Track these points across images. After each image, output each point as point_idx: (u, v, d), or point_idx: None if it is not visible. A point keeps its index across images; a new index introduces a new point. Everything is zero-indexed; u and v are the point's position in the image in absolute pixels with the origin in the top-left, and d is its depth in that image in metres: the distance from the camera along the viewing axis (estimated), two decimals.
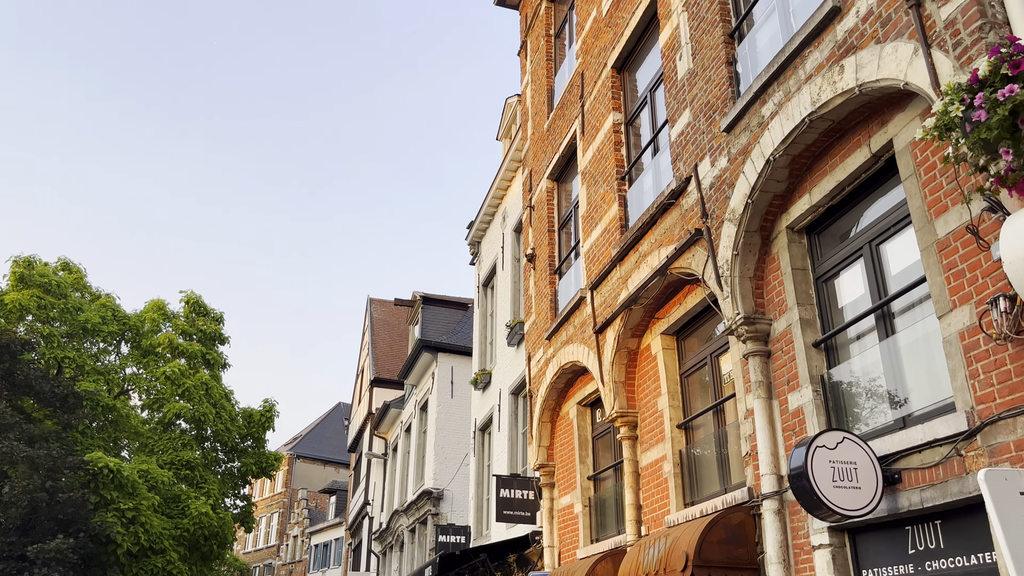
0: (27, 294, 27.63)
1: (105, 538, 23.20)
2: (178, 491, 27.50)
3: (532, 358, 12.48)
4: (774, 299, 6.74)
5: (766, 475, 6.30)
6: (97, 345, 30.99)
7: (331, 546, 49.30)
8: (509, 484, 12.22)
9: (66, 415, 25.62)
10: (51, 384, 24.80)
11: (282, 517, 58.82)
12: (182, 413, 30.49)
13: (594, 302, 9.87)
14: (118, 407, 29.29)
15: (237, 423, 32.85)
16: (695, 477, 8.01)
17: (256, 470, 33.97)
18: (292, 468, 58.24)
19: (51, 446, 22.89)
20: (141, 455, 28.61)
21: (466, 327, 22.92)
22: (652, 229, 8.51)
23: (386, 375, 30.80)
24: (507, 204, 16.79)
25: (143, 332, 31.86)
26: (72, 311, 28.97)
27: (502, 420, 15.11)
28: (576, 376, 11.09)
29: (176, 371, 30.42)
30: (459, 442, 20.26)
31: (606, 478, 10.27)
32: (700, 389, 8.32)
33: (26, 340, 24.88)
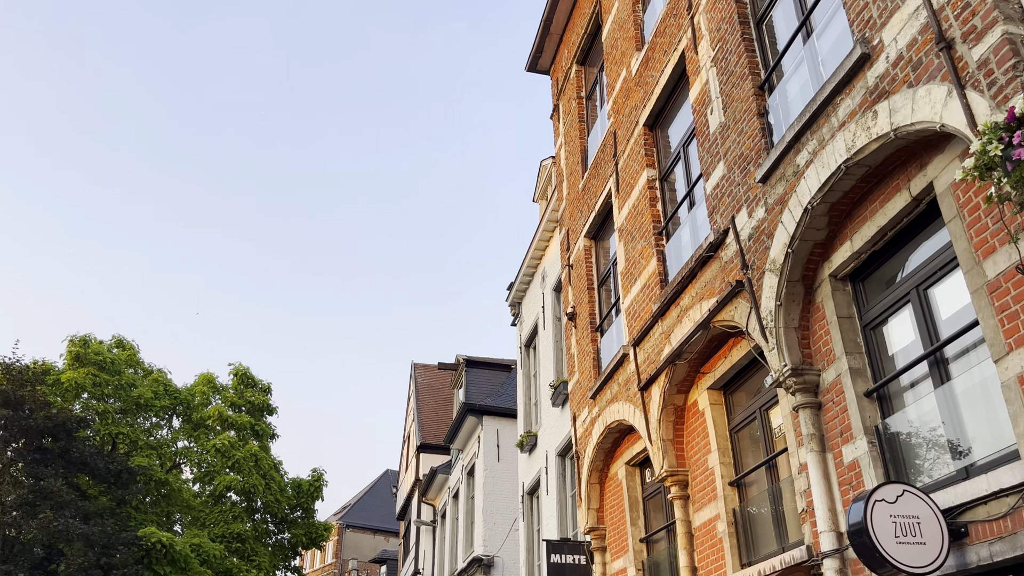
0: (83, 372, 28.31)
1: None
2: (229, 564, 27.47)
3: (577, 418, 12.33)
4: (821, 349, 6.59)
5: (825, 532, 6.07)
6: (150, 420, 31.52)
7: None
8: (560, 549, 11.95)
9: (120, 491, 25.94)
10: (106, 460, 25.18)
11: None
12: (232, 485, 30.65)
13: (637, 359, 9.76)
14: (170, 481, 29.60)
15: (286, 494, 32.91)
16: (751, 536, 7.75)
17: (306, 541, 33.84)
18: (342, 538, 57.84)
19: (105, 522, 23.12)
20: (193, 529, 28.74)
21: (510, 389, 22.79)
22: (692, 283, 8.44)
23: (432, 440, 30.67)
24: (546, 264, 16.85)
25: (194, 406, 32.35)
26: (126, 387, 29.58)
27: (550, 483, 14.87)
28: (623, 435, 10.91)
29: (226, 443, 30.72)
30: (507, 506, 19.94)
31: (659, 540, 9.99)
32: (751, 444, 8.11)
33: (81, 417, 25.39)
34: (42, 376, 26.19)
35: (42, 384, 25.72)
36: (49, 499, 22.79)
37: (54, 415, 23.99)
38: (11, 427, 23.28)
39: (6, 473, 24.52)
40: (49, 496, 22.76)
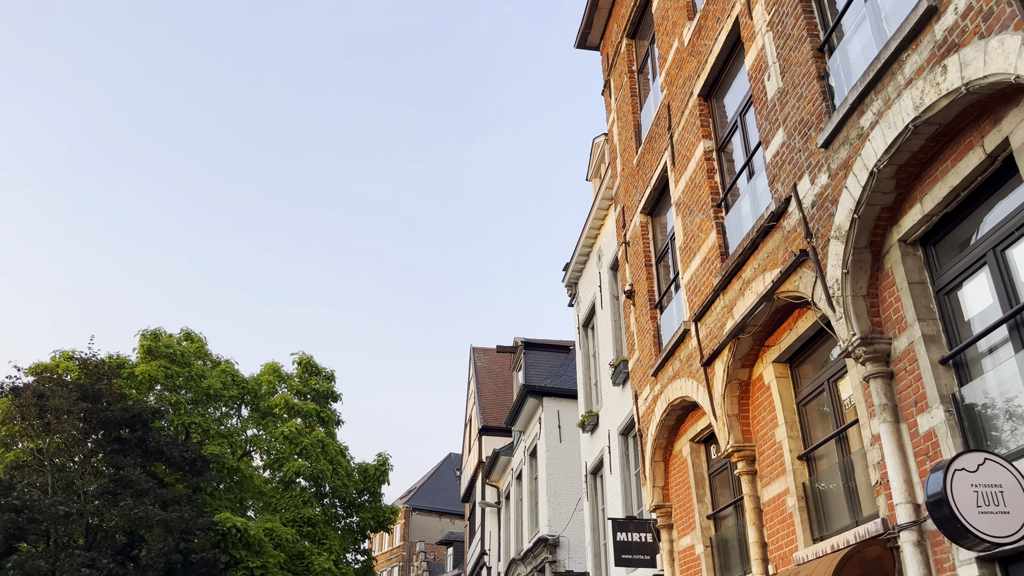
0: (155, 365, 29.28)
1: None
2: (301, 548, 28.17)
3: (639, 396, 12.24)
4: (892, 316, 6.38)
5: (901, 504, 5.90)
6: (220, 409, 32.46)
7: None
8: (625, 527, 11.92)
9: (195, 478, 26.79)
10: (180, 449, 26.03)
11: (402, 571, 59.29)
12: (301, 471, 31.42)
13: (699, 334, 9.62)
14: (242, 468, 30.47)
15: (353, 478, 33.58)
16: (822, 510, 7.59)
17: (374, 524, 34.51)
18: (408, 521, 58.83)
19: (183, 509, 23.92)
20: (265, 514, 29.56)
21: (569, 370, 22.76)
22: (754, 254, 8.27)
23: (494, 423, 30.88)
24: (601, 243, 16.72)
25: (260, 395, 33.20)
26: (196, 379, 30.49)
27: (613, 462, 14.82)
28: (686, 412, 10.79)
29: (293, 430, 31.46)
30: (571, 487, 19.97)
31: (726, 516, 9.87)
32: (819, 417, 7.93)
33: (156, 408, 26.28)
34: (117, 370, 27.16)
35: (117, 377, 26.67)
36: (129, 487, 23.67)
37: (130, 407, 24.87)
38: (91, 419, 24.22)
39: (87, 464, 25.57)
40: (128, 484, 23.64)
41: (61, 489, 24.22)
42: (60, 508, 22.33)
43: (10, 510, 21.85)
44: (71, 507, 22.93)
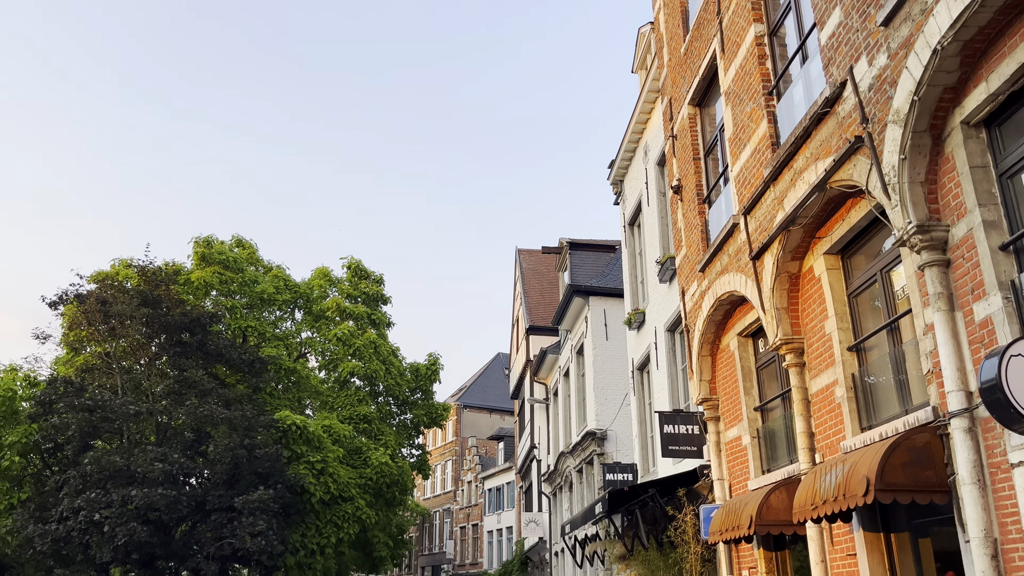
0: (209, 271, 30.06)
1: (300, 488, 25.21)
2: (359, 443, 29.38)
3: (686, 293, 12.21)
4: (950, 203, 6.17)
5: (952, 392, 5.86)
6: (274, 314, 33.40)
7: (503, 489, 51.22)
8: (672, 420, 12.12)
9: (254, 379, 27.87)
10: (239, 352, 26.98)
11: (455, 464, 61.65)
12: (355, 371, 32.44)
13: (748, 228, 9.46)
14: (298, 369, 31.56)
15: (406, 378, 34.59)
16: (871, 400, 7.59)
17: (427, 420, 35.70)
18: (460, 418, 60.73)
19: (244, 408, 25.00)
20: (323, 412, 30.77)
21: (615, 269, 22.74)
22: (807, 143, 8.00)
23: (540, 323, 31.24)
24: (648, 138, 16.35)
25: (312, 299, 34.00)
26: (249, 284, 31.28)
27: (660, 358, 14.94)
28: (734, 307, 10.74)
29: (346, 333, 32.32)
30: (618, 383, 20.28)
31: (773, 408, 9.95)
32: (870, 309, 7.83)
33: (213, 313, 27.13)
34: (174, 276, 27.96)
35: (174, 284, 27.49)
36: (193, 388, 24.76)
37: (189, 312, 25.71)
38: (152, 324, 25.15)
39: (152, 366, 26.73)
40: (192, 385, 24.72)
41: (130, 390, 25.47)
42: (130, 408, 23.53)
43: (84, 410, 23.10)
44: (140, 407, 24.15)
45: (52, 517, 22.39)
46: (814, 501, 6.79)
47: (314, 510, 26.20)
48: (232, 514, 22.95)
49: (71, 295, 26.17)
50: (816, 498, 6.76)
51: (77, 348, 27.55)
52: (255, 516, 22.63)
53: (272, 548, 22.88)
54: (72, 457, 23.63)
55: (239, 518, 22.69)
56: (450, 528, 60.54)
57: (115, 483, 22.03)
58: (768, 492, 8.46)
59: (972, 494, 5.65)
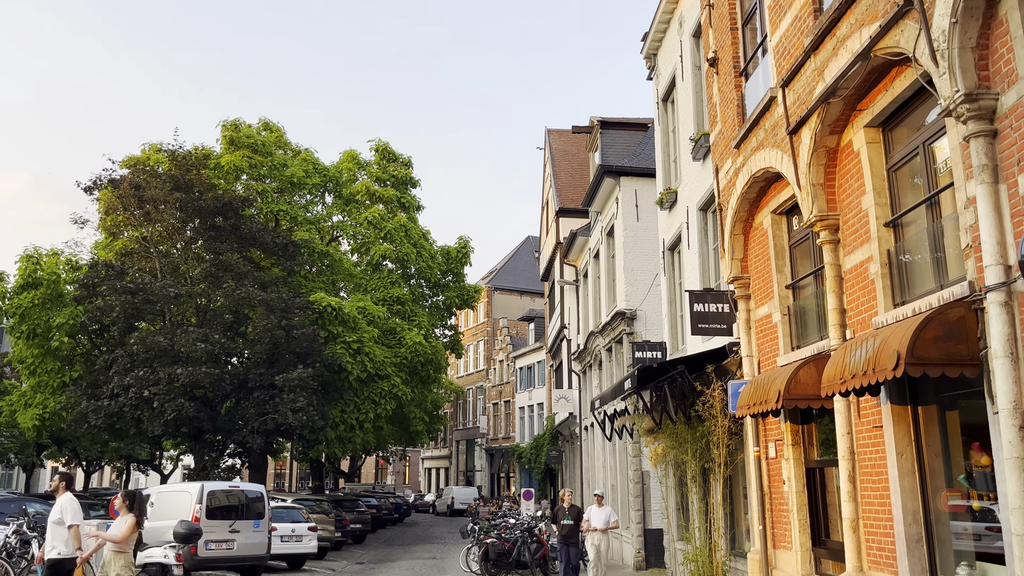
0: (239, 155, 30.03)
1: (337, 367, 26.04)
2: (393, 324, 30.05)
3: (720, 170, 11.98)
4: (1001, 70, 5.88)
5: (991, 266, 5.77)
6: (304, 197, 33.51)
7: (534, 368, 52.50)
8: (703, 299, 12.16)
9: (288, 262, 28.30)
10: (272, 235, 27.30)
11: (487, 345, 63.03)
12: (387, 254, 32.78)
13: (786, 101, 9.15)
14: (331, 252, 31.94)
15: (437, 261, 34.91)
16: (905, 276, 7.52)
17: (459, 302, 36.25)
18: (491, 300, 61.59)
19: (280, 290, 25.51)
20: (356, 294, 31.34)
21: (647, 148, 22.28)
22: (851, 8, 7.59)
23: (570, 204, 31.05)
24: (683, 8, 15.63)
25: (342, 182, 33.98)
26: (279, 167, 31.26)
27: (691, 238, 14.85)
28: (769, 184, 10.54)
29: (376, 216, 32.44)
30: (648, 263, 20.27)
31: (805, 286, 9.92)
32: (909, 183, 7.63)
33: (245, 197, 27.31)
34: (204, 160, 27.98)
35: (205, 168, 27.55)
36: (229, 271, 25.25)
37: (220, 196, 25.88)
38: (186, 208, 25.41)
39: (188, 250, 27.20)
40: (228, 268, 25.19)
41: (168, 274, 26.05)
42: (170, 290, 24.14)
43: (126, 292, 23.75)
44: (180, 289, 24.75)
45: (104, 394, 23.47)
46: (843, 375, 6.86)
47: (352, 388, 27.15)
48: (274, 391, 23.87)
49: (105, 180, 26.43)
50: (845, 372, 6.82)
51: (115, 233, 28.05)
52: (295, 393, 23.52)
53: (313, 423, 23.89)
54: (118, 338, 24.51)
55: (280, 395, 23.61)
56: (483, 404, 62.57)
57: (161, 362, 22.91)
58: (797, 368, 8.55)
59: (1004, 367, 5.66)
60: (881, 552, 7.61)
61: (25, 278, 25.35)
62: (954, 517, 6.94)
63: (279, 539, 19.19)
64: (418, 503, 57.45)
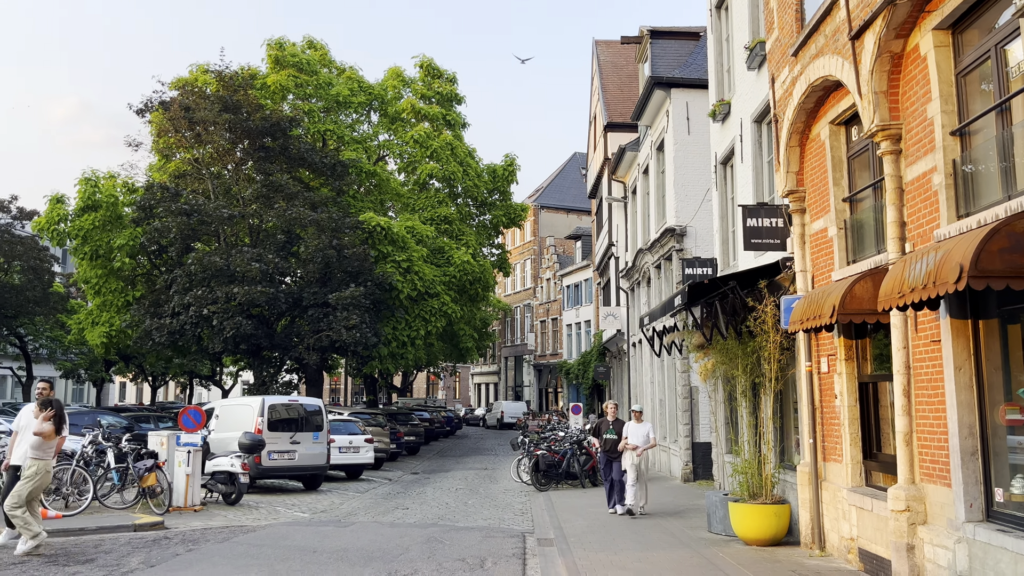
0: (284, 75, 29.94)
1: (388, 285, 26.46)
2: (441, 243, 30.27)
3: (776, 80, 11.56)
4: None
5: None
6: (350, 117, 33.45)
7: (581, 286, 52.63)
8: (756, 213, 11.95)
9: (336, 182, 28.50)
10: (320, 155, 27.43)
11: (534, 263, 63.20)
12: (433, 173, 32.74)
13: (848, 4, 8.72)
14: (378, 172, 32.04)
15: (483, 179, 34.77)
16: (970, 187, 7.27)
17: (506, 220, 36.24)
18: (538, 218, 61.40)
19: (330, 210, 25.80)
20: (404, 214, 31.53)
21: (699, 58, 21.57)
22: None
23: (619, 119, 30.42)
24: None
25: (387, 100, 33.75)
26: (324, 86, 31.13)
27: (744, 151, 14.49)
28: (828, 92, 10.16)
29: (422, 134, 32.28)
30: (699, 179, 19.90)
31: (863, 199, 9.66)
32: (978, 90, 7.29)
33: (292, 117, 27.36)
34: (250, 81, 28.00)
35: (252, 88, 27.58)
36: (279, 191, 25.56)
37: (268, 116, 25.98)
38: (235, 129, 25.61)
39: (239, 171, 27.53)
40: (279, 189, 25.50)
41: (221, 195, 26.49)
42: (224, 211, 24.59)
43: (181, 214, 24.28)
44: (233, 210, 25.20)
45: (166, 312, 24.32)
46: (901, 289, 6.74)
47: (402, 306, 27.63)
48: (327, 309, 24.44)
49: (155, 102, 26.68)
50: (904, 286, 6.70)
51: (167, 155, 28.49)
52: (348, 311, 24.05)
53: (366, 340, 24.48)
54: (176, 258, 25.20)
55: (334, 313, 24.17)
56: (531, 322, 63.21)
57: (218, 281, 23.54)
58: (853, 282, 8.43)
59: None
60: (934, 465, 7.63)
61: (85, 201, 26.05)
62: (1011, 431, 6.89)
63: (337, 450, 19.97)
64: (468, 417, 58.97)
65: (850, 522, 9.36)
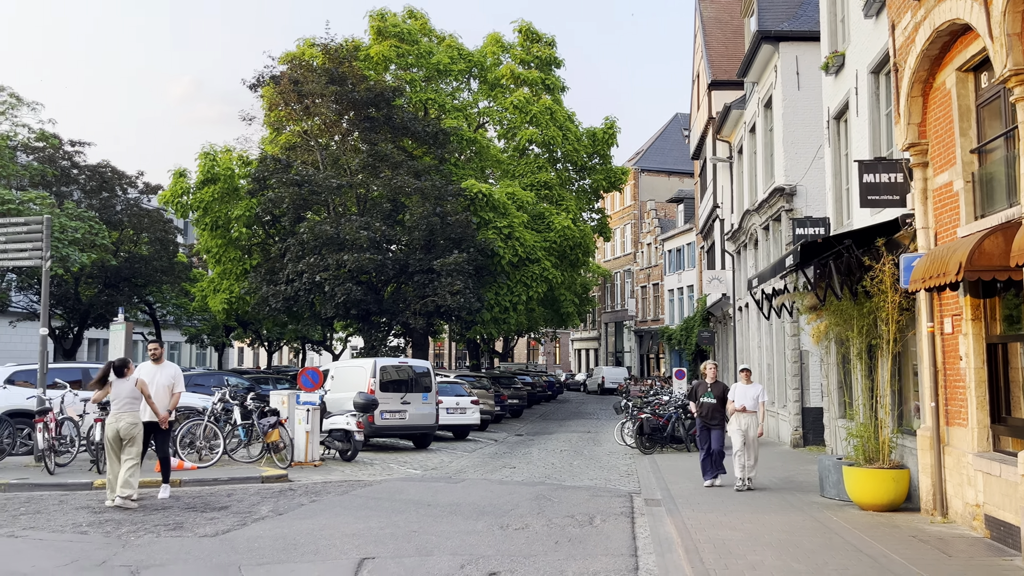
0: (386, 45, 30.48)
1: (490, 251, 26.81)
2: (541, 209, 30.35)
3: (896, 26, 10.97)
4: None
5: None
6: (450, 85, 33.76)
7: (683, 250, 51.73)
8: (873, 169, 11.45)
9: (438, 150, 28.95)
10: (422, 124, 27.89)
11: (634, 228, 62.48)
12: (533, 139, 32.75)
13: None
14: (478, 139, 32.31)
15: (583, 143, 34.54)
16: None
17: (606, 185, 35.97)
18: (638, 181, 60.53)
19: (433, 178, 26.27)
20: (505, 180, 31.73)
21: (809, 10, 20.62)
22: None
23: (723, 76, 29.53)
24: None
25: (486, 67, 33.87)
26: (425, 55, 31.52)
27: (860, 104, 13.84)
28: (954, 38, 9.58)
29: (521, 100, 32.28)
30: (809, 135, 19.16)
31: (993, 150, 9.11)
32: None
33: (395, 87, 27.89)
34: (354, 52, 28.66)
35: (356, 60, 28.22)
36: (384, 161, 26.20)
37: (372, 87, 26.58)
38: (341, 101, 26.33)
39: (346, 142, 28.35)
40: (384, 158, 26.13)
41: (329, 165, 27.37)
42: (332, 181, 25.42)
43: (293, 184, 25.25)
44: (341, 180, 26.02)
45: (280, 279, 25.45)
46: None
47: (504, 271, 27.94)
48: (432, 275, 25.01)
49: (267, 77, 27.70)
50: None
51: (278, 128, 29.58)
52: (452, 277, 24.54)
53: (470, 305, 24.94)
54: (289, 227, 26.28)
55: (438, 279, 24.72)
56: (631, 287, 62.71)
57: (328, 249, 24.43)
58: (982, 237, 8.01)
59: None
60: None
61: (205, 174, 27.42)
62: None
63: (445, 411, 20.56)
64: (569, 382, 59.31)
65: (976, 488, 9.00)
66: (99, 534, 8.58)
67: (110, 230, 31.24)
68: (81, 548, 7.93)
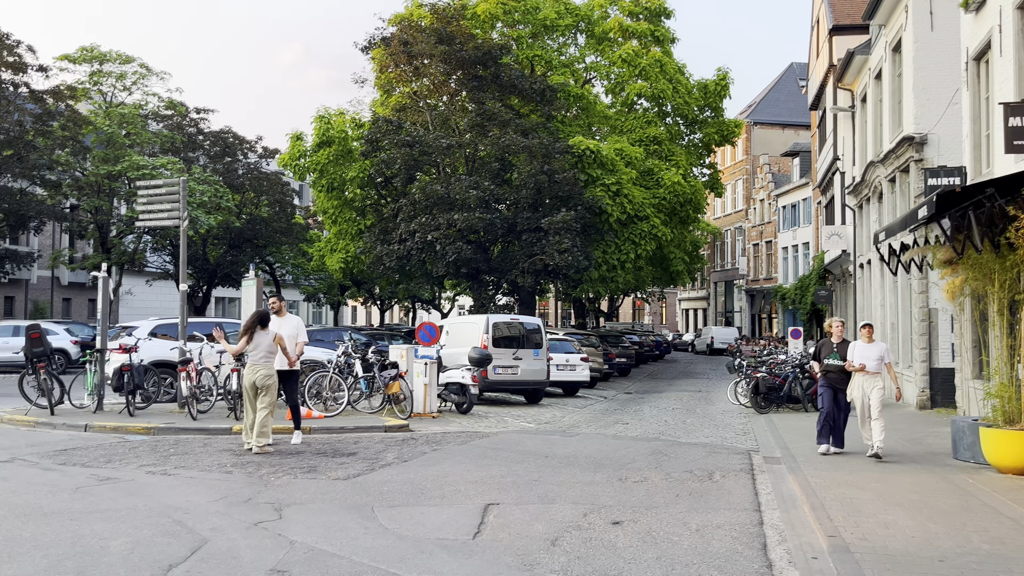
0: (493, 2, 30.32)
1: (597, 209, 26.60)
2: (650, 165, 29.78)
3: None
4: None
5: None
6: (557, 40, 33.36)
7: (799, 206, 49.80)
8: (1020, 111, 10.66)
9: (545, 107, 28.77)
10: (529, 82, 27.76)
11: (746, 183, 60.53)
12: (641, 93, 32.07)
13: None
14: (585, 95, 31.90)
15: (693, 96, 33.56)
16: None
17: (718, 139, 34.94)
18: (750, 135, 58.42)
19: (540, 136, 26.16)
20: (613, 136, 31.24)
21: None
22: None
23: (846, 20, 27.97)
24: None
25: (593, 20, 33.24)
26: (531, 11, 31.21)
27: (1004, 42, 12.82)
28: None
29: (630, 53, 31.59)
30: (942, 80, 17.91)
31: None
32: None
33: (502, 45, 27.82)
34: (461, 11, 28.70)
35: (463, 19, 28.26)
36: (492, 120, 26.26)
37: (480, 45, 26.60)
38: (449, 61, 26.49)
39: (454, 102, 28.56)
40: (492, 117, 26.19)
41: (438, 126, 27.69)
42: (442, 141, 25.72)
43: (404, 145, 25.71)
44: (450, 140, 26.30)
45: (393, 239, 26.11)
46: None
47: (612, 229, 27.67)
48: (540, 234, 25.06)
49: (377, 39, 28.16)
50: None
51: (388, 90, 30.09)
52: (560, 235, 24.52)
53: (578, 263, 24.89)
54: (401, 188, 26.84)
55: (546, 237, 24.75)
56: (742, 245, 61.02)
57: (439, 209, 24.84)
58: None
59: None
60: None
61: (320, 137, 28.29)
62: None
63: (555, 368, 20.71)
64: (676, 342, 58.57)
65: None
66: (242, 474, 9.18)
67: (233, 193, 32.83)
68: (228, 486, 8.50)
